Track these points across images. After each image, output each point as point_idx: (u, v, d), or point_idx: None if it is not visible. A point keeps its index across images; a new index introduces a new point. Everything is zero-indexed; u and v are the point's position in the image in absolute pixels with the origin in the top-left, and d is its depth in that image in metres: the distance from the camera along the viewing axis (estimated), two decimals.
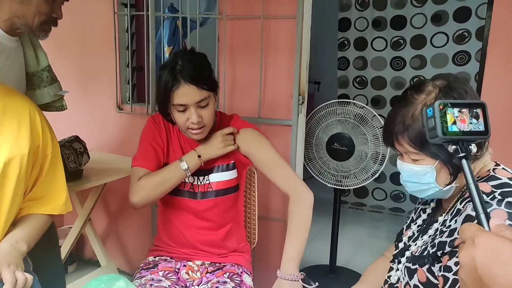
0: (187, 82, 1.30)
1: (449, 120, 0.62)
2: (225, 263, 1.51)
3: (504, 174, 0.89)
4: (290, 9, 2.00)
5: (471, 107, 0.63)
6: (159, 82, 1.35)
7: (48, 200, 1.20)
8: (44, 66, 1.52)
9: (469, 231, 0.51)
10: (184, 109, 1.33)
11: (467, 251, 0.49)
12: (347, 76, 3.85)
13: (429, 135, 0.65)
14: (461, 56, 3.34)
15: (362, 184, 2.33)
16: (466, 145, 0.62)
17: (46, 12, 1.28)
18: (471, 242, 0.49)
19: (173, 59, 1.35)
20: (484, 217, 0.55)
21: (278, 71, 2.12)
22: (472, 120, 0.63)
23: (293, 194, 1.38)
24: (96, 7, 2.49)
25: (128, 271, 2.66)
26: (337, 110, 2.33)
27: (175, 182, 1.41)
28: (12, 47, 1.35)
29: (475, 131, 0.63)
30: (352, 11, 3.71)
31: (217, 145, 1.42)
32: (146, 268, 1.47)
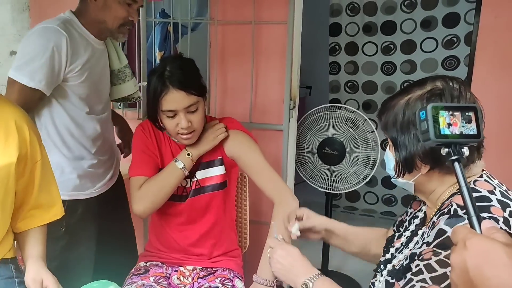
0: (176, 88, 1.30)
1: (442, 123, 0.63)
2: (216, 268, 1.51)
3: (484, 187, 0.87)
4: (281, 15, 2.02)
5: (463, 110, 0.64)
6: (148, 88, 1.36)
7: (49, 206, 1.22)
8: (125, 63, 1.72)
9: (461, 233, 0.51)
10: (174, 114, 1.33)
11: (459, 253, 0.50)
12: (338, 80, 3.87)
13: (422, 137, 0.66)
14: (450, 61, 3.38)
15: (353, 188, 2.34)
16: (459, 148, 0.63)
17: (123, 16, 1.46)
18: (462, 244, 0.50)
19: (161, 65, 1.36)
20: (475, 220, 0.56)
21: (269, 76, 2.13)
22: (464, 124, 0.63)
23: (277, 199, 1.39)
24: None
25: None
26: (329, 115, 2.34)
27: (175, 183, 1.40)
28: (100, 50, 1.56)
29: (467, 135, 0.63)
30: (343, 16, 3.74)
31: (206, 138, 1.43)
32: (137, 273, 1.46)
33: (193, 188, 1.46)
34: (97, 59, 1.54)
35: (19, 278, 1.13)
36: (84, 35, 1.49)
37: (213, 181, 1.47)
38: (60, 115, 1.49)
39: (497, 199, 0.84)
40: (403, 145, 0.91)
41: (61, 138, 1.50)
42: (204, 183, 1.46)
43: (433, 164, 0.89)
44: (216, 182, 1.47)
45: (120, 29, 1.50)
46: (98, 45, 1.54)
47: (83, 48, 1.47)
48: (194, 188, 1.46)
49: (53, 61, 1.38)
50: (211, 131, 1.43)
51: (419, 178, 0.93)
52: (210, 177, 1.47)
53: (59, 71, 1.41)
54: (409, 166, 0.92)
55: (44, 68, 1.37)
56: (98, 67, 1.54)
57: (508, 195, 0.87)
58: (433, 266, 0.79)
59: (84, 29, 1.50)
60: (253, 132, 2.14)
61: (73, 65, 1.43)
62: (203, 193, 1.46)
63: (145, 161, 1.43)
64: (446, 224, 0.81)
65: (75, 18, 1.49)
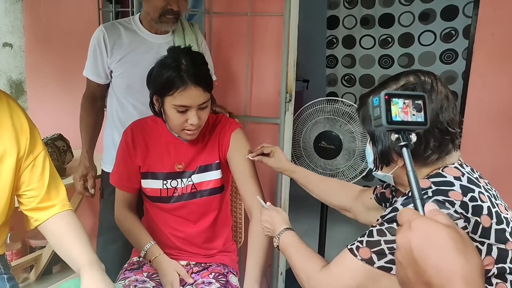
0: (194, 84, 1.26)
1: (393, 110, 0.66)
2: (210, 263, 1.49)
3: (452, 173, 0.90)
4: (277, 6, 1.99)
5: (414, 99, 0.67)
6: (158, 79, 1.30)
7: (61, 197, 1.17)
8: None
9: (406, 215, 0.55)
10: (185, 110, 1.29)
11: (404, 234, 0.53)
12: (335, 74, 3.85)
13: (374, 123, 0.68)
14: (448, 55, 3.36)
15: (350, 182, 2.33)
16: (407, 135, 0.66)
17: (161, 5, 1.56)
18: (407, 225, 0.53)
19: (173, 57, 1.30)
20: (419, 202, 0.59)
21: (265, 68, 2.10)
22: (414, 112, 0.66)
23: (255, 213, 1.37)
24: (80, 4, 2.44)
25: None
26: (325, 108, 2.32)
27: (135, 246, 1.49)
28: (154, 43, 1.67)
29: (416, 122, 0.66)
30: (340, 9, 3.70)
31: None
32: (130, 269, 1.45)
33: (188, 192, 1.43)
34: (145, 51, 1.63)
35: (8, 274, 1.11)
36: (137, 31, 1.69)
37: (210, 185, 1.44)
38: (112, 100, 1.76)
39: (461, 184, 0.87)
40: (379, 139, 0.95)
41: (113, 119, 1.76)
42: (201, 187, 1.44)
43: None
44: (214, 186, 1.44)
45: (161, 18, 1.60)
46: (152, 39, 1.68)
47: (128, 42, 1.66)
48: (190, 192, 1.43)
49: (96, 54, 1.67)
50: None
51: (396, 171, 0.96)
52: (207, 181, 1.44)
53: (102, 63, 1.68)
54: (385, 159, 0.96)
55: (91, 61, 1.70)
56: (146, 59, 1.49)
57: (477, 182, 0.89)
58: (373, 232, 0.86)
59: (140, 25, 1.69)
60: (248, 126, 2.13)
61: (114, 57, 1.66)
62: (200, 197, 1.44)
63: (122, 172, 1.46)
64: (401, 204, 0.86)
65: (137, 16, 1.72)
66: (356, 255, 0.87)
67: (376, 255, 0.84)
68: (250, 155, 1.41)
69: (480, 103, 1.81)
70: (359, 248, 0.87)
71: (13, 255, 2.42)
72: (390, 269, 0.83)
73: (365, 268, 0.85)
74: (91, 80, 1.74)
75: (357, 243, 0.88)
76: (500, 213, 0.86)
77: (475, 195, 0.85)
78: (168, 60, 1.30)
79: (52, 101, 2.65)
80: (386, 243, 0.84)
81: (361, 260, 0.86)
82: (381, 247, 0.84)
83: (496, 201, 0.89)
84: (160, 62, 1.32)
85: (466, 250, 0.49)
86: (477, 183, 0.89)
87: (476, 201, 0.84)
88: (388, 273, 0.83)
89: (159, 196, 1.43)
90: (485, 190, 0.88)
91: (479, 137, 1.83)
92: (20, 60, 2.69)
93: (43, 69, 2.65)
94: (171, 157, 1.43)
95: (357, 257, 0.86)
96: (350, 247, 0.89)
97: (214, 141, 1.44)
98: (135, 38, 1.67)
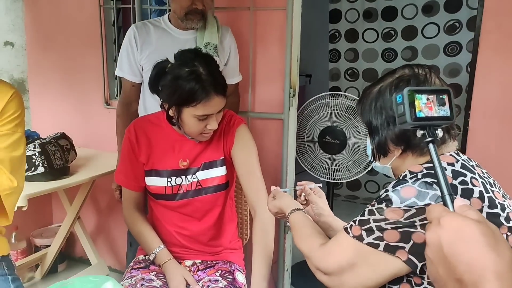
0: (216, 94, 1.25)
1: (417, 106, 0.65)
2: (216, 261, 1.48)
3: (446, 159, 0.91)
4: (280, 0, 1.96)
5: (438, 93, 0.66)
6: (177, 91, 1.25)
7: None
8: (206, 41, 1.78)
9: (435, 211, 0.54)
10: (206, 117, 1.29)
11: (433, 230, 0.52)
12: (338, 68, 3.82)
13: (399, 120, 0.68)
14: (452, 47, 3.33)
15: (354, 177, 2.31)
16: (433, 130, 0.66)
17: (187, 5, 1.64)
18: (436, 222, 0.52)
19: (190, 63, 1.26)
20: (449, 198, 0.59)
21: (268, 63, 2.08)
22: (438, 106, 0.66)
23: (260, 209, 1.35)
24: (81, 1, 2.43)
25: (119, 269, 2.63)
26: (329, 103, 2.30)
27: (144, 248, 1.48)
28: (181, 39, 1.73)
29: (441, 117, 0.66)
30: (343, 3, 3.67)
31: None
32: (136, 267, 1.44)
33: (193, 189, 1.42)
34: (172, 46, 1.57)
35: (12, 275, 1.11)
36: (165, 28, 1.76)
37: (215, 182, 1.43)
38: (142, 98, 1.81)
39: (453, 169, 0.89)
40: (376, 129, 0.97)
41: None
42: (206, 184, 1.42)
43: (405, 147, 0.95)
44: (219, 183, 1.43)
45: (187, 16, 1.67)
46: (179, 35, 1.75)
47: (156, 38, 1.74)
48: (195, 189, 1.42)
49: (128, 51, 1.75)
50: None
51: (394, 162, 0.99)
52: (212, 178, 1.43)
53: (134, 60, 1.75)
54: (382, 150, 0.98)
55: (125, 60, 1.76)
56: (172, 54, 1.47)
57: (471, 169, 0.91)
58: (365, 212, 0.91)
59: (168, 22, 1.77)
60: (252, 122, 2.11)
61: (143, 53, 1.73)
62: (205, 194, 1.43)
63: (128, 171, 1.44)
64: (392, 186, 0.90)
65: (166, 15, 1.79)
66: (349, 232, 0.91)
67: (365, 231, 0.88)
68: (311, 187, 1.25)
69: (486, 97, 1.79)
70: (352, 227, 0.91)
71: (18, 254, 2.42)
72: (378, 245, 0.86)
73: (356, 244, 0.89)
74: (126, 82, 1.81)
75: (351, 223, 0.93)
76: (494, 198, 0.87)
77: (466, 179, 0.87)
78: (183, 71, 1.25)
79: (54, 99, 2.64)
80: (374, 221, 0.88)
81: (352, 237, 0.90)
82: (370, 225, 0.88)
83: (491, 188, 0.90)
84: (175, 71, 1.27)
85: (498, 245, 0.48)
86: (471, 170, 0.90)
87: (467, 185, 0.86)
88: (376, 249, 0.86)
89: (163, 193, 1.42)
90: (479, 177, 0.90)
91: (486, 132, 1.80)
92: (22, 58, 2.68)
93: (45, 67, 2.63)
94: (175, 154, 1.41)
95: (350, 234, 0.91)
96: (346, 226, 0.93)
97: (218, 138, 1.43)
98: (163, 34, 1.75)
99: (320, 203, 1.22)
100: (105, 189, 2.51)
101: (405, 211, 0.84)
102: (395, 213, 0.85)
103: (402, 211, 0.85)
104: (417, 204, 0.84)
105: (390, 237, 0.85)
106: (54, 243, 2.40)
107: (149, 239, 1.44)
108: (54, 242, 2.40)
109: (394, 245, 0.84)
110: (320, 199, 1.22)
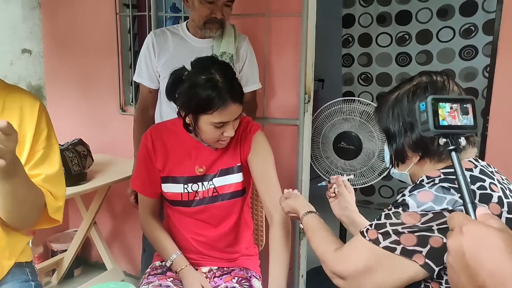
0: (233, 101, 1.26)
1: (441, 114, 0.66)
2: (233, 268, 1.48)
3: (465, 165, 0.91)
4: (295, 6, 1.96)
5: (461, 102, 0.67)
6: (193, 99, 1.26)
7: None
8: (223, 50, 1.81)
9: (457, 219, 0.54)
10: (223, 124, 1.29)
11: (455, 238, 0.53)
12: (351, 73, 3.81)
13: (421, 128, 0.69)
14: (468, 51, 3.29)
15: (370, 183, 2.29)
16: (456, 139, 0.66)
17: (205, 14, 1.65)
18: (458, 230, 0.53)
19: (207, 71, 1.26)
20: (471, 206, 0.59)
21: (283, 69, 2.08)
22: (462, 115, 0.66)
23: (276, 216, 1.34)
24: (97, 9, 2.46)
25: (134, 274, 2.64)
26: (343, 109, 2.29)
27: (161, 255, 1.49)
28: (197, 47, 1.74)
29: (465, 126, 0.66)
30: (356, 7, 3.66)
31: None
32: (153, 273, 1.44)
33: (210, 195, 1.42)
34: (188, 54, 1.59)
35: (35, 282, 1.12)
36: (183, 36, 1.77)
37: (232, 188, 1.43)
38: (159, 105, 1.83)
39: (471, 174, 0.89)
40: (394, 136, 0.98)
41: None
42: (222, 191, 1.42)
43: (423, 153, 0.95)
44: (235, 189, 1.43)
45: (206, 25, 1.68)
46: (196, 43, 1.76)
47: (174, 46, 1.75)
48: (211, 196, 1.42)
49: (146, 58, 1.77)
50: None
51: (412, 169, 0.99)
52: (229, 184, 1.42)
53: (152, 66, 1.77)
54: (400, 156, 0.99)
55: (143, 66, 1.78)
56: (188, 62, 1.48)
57: (491, 175, 0.90)
58: (382, 216, 0.91)
59: (186, 30, 1.78)
60: (267, 128, 2.11)
61: (160, 60, 1.75)
62: (221, 200, 1.43)
63: (144, 178, 1.45)
64: (408, 190, 0.90)
65: (185, 23, 1.80)
66: (365, 236, 0.91)
67: (382, 235, 0.88)
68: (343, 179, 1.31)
69: (505, 102, 1.76)
70: (368, 230, 0.91)
71: (35, 259, 2.45)
72: (394, 249, 0.86)
73: (372, 248, 0.89)
74: (143, 88, 1.83)
75: (367, 226, 0.93)
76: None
77: (484, 185, 0.87)
78: (200, 79, 1.26)
79: (71, 105, 2.67)
80: (391, 225, 0.87)
81: (368, 240, 0.90)
82: (386, 229, 0.88)
83: (511, 193, 0.90)
84: (192, 79, 1.28)
85: None
86: (490, 176, 0.90)
87: (485, 190, 0.86)
88: (392, 253, 0.86)
89: (180, 200, 1.43)
90: (498, 183, 0.89)
91: (505, 137, 1.77)
92: (39, 65, 2.72)
93: (62, 74, 2.67)
94: (191, 160, 1.42)
95: (366, 238, 0.91)
96: (362, 230, 0.94)
97: (235, 144, 1.43)
98: (180, 42, 1.76)
99: (348, 197, 1.26)
100: (120, 194, 2.53)
101: (422, 215, 0.85)
102: (412, 217, 0.85)
103: (419, 215, 0.85)
104: (434, 208, 0.84)
105: (407, 241, 0.85)
106: (71, 248, 2.43)
107: (165, 245, 1.44)
108: (71, 247, 2.43)
109: (411, 249, 0.84)
110: (349, 193, 1.27)
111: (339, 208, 1.26)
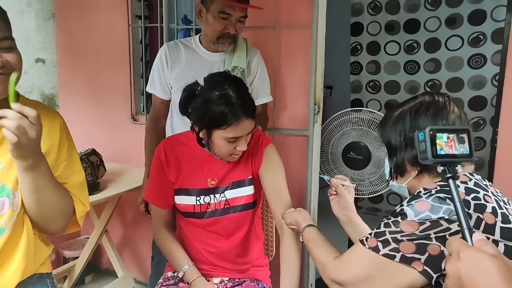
0: (247, 117, 1.28)
1: (438, 144, 0.70)
2: (244, 279, 1.50)
3: (460, 178, 0.94)
4: (304, 19, 1.99)
5: (458, 132, 0.71)
6: (207, 114, 1.28)
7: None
8: (234, 65, 1.83)
9: (455, 244, 0.59)
10: (236, 139, 1.31)
11: (453, 263, 0.58)
12: (360, 80, 3.82)
13: (420, 156, 0.73)
14: (476, 59, 3.29)
15: (379, 192, 2.30)
16: (453, 167, 0.70)
17: (219, 29, 1.66)
18: (456, 255, 0.58)
19: (220, 86, 1.28)
20: (468, 232, 0.63)
21: (292, 80, 2.11)
22: (459, 144, 0.71)
23: (287, 228, 1.36)
24: (110, 20, 2.51)
25: (144, 281, 2.67)
26: (351, 119, 2.30)
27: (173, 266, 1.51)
28: (209, 61, 1.77)
29: (461, 154, 0.71)
30: (364, 16, 3.68)
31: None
32: (166, 284, 1.47)
33: (222, 207, 1.45)
34: (200, 68, 1.70)
35: None
36: (195, 49, 1.80)
37: (243, 201, 1.45)
38: (170, 117, 1.86)
39: (466, 186, 0.93)
40: (394, 150, 1.02)
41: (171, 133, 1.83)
42: (234, 203, 1.45)
43: (421, 168, 0.99)
44: (247, 202, 1.45)
45: (219, 40, 1.70)
46: (208, 56, 1.79)
47: (186, 59, 1.77)
48: (223, 208, 1.45)
49: (159, 69, 1.80)
50: None
51: (411, 182, 1.03)
52: (240, 197, 1.45)
53: (164, 78, 1.79)
54: (399, 170, 1.03)
55: (156, 77, 1.81)
56: (200, 76, 1.48)
57: (485, 187, 0.94)
58: (381, 225, 0.94)
59: (199, 44, 1.80)
60: (277, 138, 2.13)
61: (172, 73, 1.78)
62: (233, 212, 1.45)
63: (157, 189, 1.47)
64: (406, 201, 0.94)
65: (197, 36, 1.83)
66: (365, 244, 0.94)
67: (381, 243, 0.91)
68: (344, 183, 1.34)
69: None
70: (368, 239, 0.94)
71: None
72: (394, 256, 0.89)
73: (372, 256, 0.91)
74: (156, 99, 1.85)
75: (367, 235, 0.96)
76: (508, 214, 0.90)
77: (479, 196, 0.90)
78: (213, 94, 1.28)
79: (83, 114, 2.72)
80: (390, 233, 0.91)
81: (368, 248, 0.92)
82: (386, 237, 0.91)
83: (505, 205, 0.93)
84: (203, 96, 1.30)
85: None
86: (484, 188, 0.93)
87: (480, 200, 0.89)
88: (392, 260, 0.89)
89: (192, 212, 1.45)
90: (492, 195, 0.92)
91: None
92: (53, 75, 2.77)
93: (75, 83, 2.72)
94: (204, 173, 1.44)
95: (365, 246, 0.93)
96: (361, 239, 0.96)
97: (247, 157, 1.45)
98: (193, 55, 1.79)
99: (348, 198, 1.31)
100: (131, 202, 2.56)
101: (420, 224, 0.88)
102: (410, 225, 0.89)
103: (417, 223, 0.88)
104: (431, 217, 0.88)
105: (406, 249, 0.88)
106: (82, 255, 2.46)
107: (178, 256, 1.46)
108: (82, 254, 2.46)
109: (410, 256, 0.87)
110: (348, 194, 1.31)
111: (339, 206, 1.32)
